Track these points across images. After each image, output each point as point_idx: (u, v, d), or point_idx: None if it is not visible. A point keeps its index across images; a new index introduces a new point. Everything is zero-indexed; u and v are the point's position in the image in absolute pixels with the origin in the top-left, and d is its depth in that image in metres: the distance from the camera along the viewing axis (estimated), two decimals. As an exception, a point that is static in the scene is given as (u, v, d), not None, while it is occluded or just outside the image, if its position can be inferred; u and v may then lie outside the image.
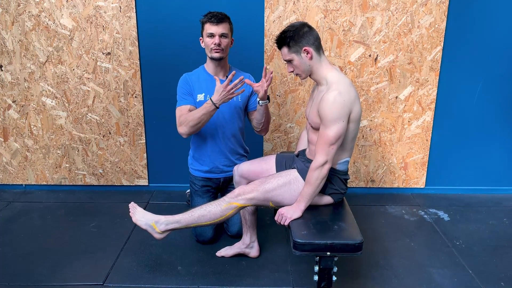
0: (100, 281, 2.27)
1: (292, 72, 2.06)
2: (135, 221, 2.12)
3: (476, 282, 2.29)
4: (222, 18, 2.35)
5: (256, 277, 2.31)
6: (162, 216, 2.12)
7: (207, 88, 2.46)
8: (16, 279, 2.28)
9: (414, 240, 2.69)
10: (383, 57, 3.01)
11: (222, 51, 2.38)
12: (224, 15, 2.38)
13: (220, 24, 2.34)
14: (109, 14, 2.93)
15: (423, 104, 3.11)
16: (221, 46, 2.36)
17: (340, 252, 1.84)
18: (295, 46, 1.97)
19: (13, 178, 3.31)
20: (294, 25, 2.00)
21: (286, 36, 1.97)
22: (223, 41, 2.37)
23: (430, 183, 3.31)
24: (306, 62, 1.99)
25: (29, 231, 2.74)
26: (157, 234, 2.12)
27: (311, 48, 1.97)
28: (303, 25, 1.99)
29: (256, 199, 2.06)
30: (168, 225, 2.10)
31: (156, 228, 2.10)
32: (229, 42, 2.42)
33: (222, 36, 2.36)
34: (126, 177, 3.29)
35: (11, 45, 3.00)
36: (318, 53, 1.99)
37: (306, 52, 1.96)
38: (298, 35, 1.96)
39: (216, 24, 2.33)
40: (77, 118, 3.14)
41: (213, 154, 2.57)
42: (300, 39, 1.96)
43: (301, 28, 1.97)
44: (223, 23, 2.35)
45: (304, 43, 1.96)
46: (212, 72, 2.48)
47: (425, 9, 2.92)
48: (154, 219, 2.11)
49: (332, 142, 1.91)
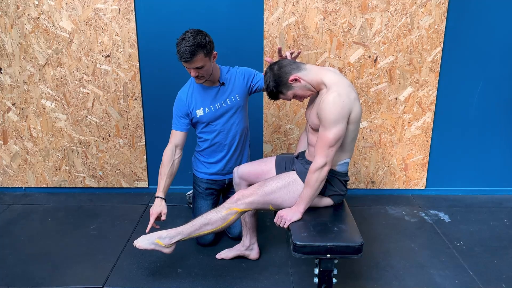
0: (100, 284, 2.26)
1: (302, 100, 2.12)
2: (139, 247, 2.15)
3: (477, 283, 2.29)
4: (191, 55, 2.18)
5: (256, 279, 2.31)
6: (163, 231, 2.15)
7: (202, 101, 2.44)
8: (16, 281, 2.28)
9: (414, 241, 2.68)
10: (382, 58, 3.01)
11: (203, 77, 2.32)
12: (194, 46, 2.17)
13: (191, 61, 2.20)
14: (108, 16, 2.93)
15: (423, 105, 3.11)
16: (199, 75, 2.30)
17: (340, 254, 1.84)
18: (285, 88, 2.00)
19: (13, 181, 3.30)
20: (267, 75, 2.01)
21: (271, 89, 2.01)
22: (200, 72, 2.28)
23: (430, 184, 3.31)
24: (303, 85, 2.00)
25: (29, 234, 2.74)
26: (166, 249, 2.15)
27: (295, 74, 1.97)
28: (275, 63, 2.02)
29: (255, 202, 2.06)
30: (172, 238, 2.13)
31: (162, 244, 2.13)
32: (208, 66, 2.29)
33: (197, 68, 2.25)
34: (126, 179, 3.28)
35: (10, 47, 3.00)
36: (302, 70, 1.99)
37: (296, 81, 1.98)
38: (279, 78, 1.98)
39: (187, 62, 2.21)
40: (76, 121, 3.14)
41: (221, 161, 2.57)
42: (282, 80, 1.98)
43: (278, 69, 1.99)
44: (194, 59, 2.19)
45: (287, 78, 1.97)
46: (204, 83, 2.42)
47: (424, 10, 2.92)
48: (157, 236, 2.14)
49: (332, 143, 1.91)
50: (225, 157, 2.55)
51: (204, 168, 2.61)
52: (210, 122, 2.47)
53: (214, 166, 2.58)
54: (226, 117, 2.47)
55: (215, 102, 2.44)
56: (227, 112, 2.46)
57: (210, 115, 2.45)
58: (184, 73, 2.60)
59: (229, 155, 2.55)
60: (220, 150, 2.54)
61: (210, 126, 2.48)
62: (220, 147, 2.53)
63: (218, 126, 2.48)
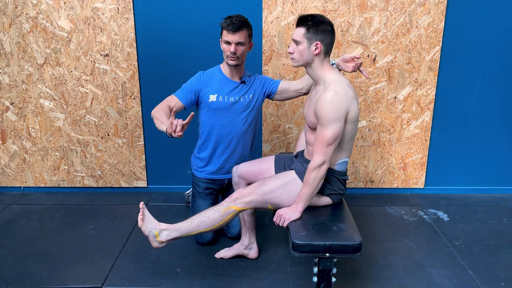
0: (99, 283, 2.26)
1: (291, 53, 2.02)
2: (140, 225, 2.08)
3: (475, 282, 2.29)
4: (239, 26, 2.29)
5: (255, 279, 2.31)
6: (164, 226, 2.10)
7: (219, 89, 2.45)
8: (14, 281, 2.27)
9: (413, 241, 2.68)
10: (381, 57, 3.01)
11: (238, 58, 2.36)
12: (243, 21, 2.32)
13: (237, 32, 2.29)
14: (106, 15, 2.93)
15: (422, 104, 3.11)
16: (237, 54, 2.34)
17: (339, 253, 1.84)
18: (312, 34, 1.95)
19: (12, 180, 3.30)
20: (324, 17, 1.99)
21: (312, 20, 1.96)
22: (239, 49, 2.33)
23: (429, 183, 3.31)
24: (311, 54, 1.97)
25: (27, 234, 2.73)
26: (157, 243, 2.10)
27: (323, 46, 1.96)
28: (330, 24, 1.99)
29: (254, 201, 2.06)
30: (169, 235, 2.09)
31: (158, 238, 2.08)
32: (246, 49, 2.38)
33: (239, 44, 2.32)
34: (125, 179, 3.28)
35: (8, 47, 3.00)
36: (324, 54, 1.99)
37: (316, 46, 1.96)
38: (321, 27, 1.95)
39: (233, 32, 2.29)
40: (75, 120, 3.14)
41: (221, 157, 2.56)
42: (320, 32, 1.95)
43: (327, 25, 1.97)
44: (240, 31, 2.30)
45: (320, 38, 1.95)
46: (228, 75, 2.47)
47: (423, 9, 2.92)
48: (158, 228, 2.08)
49: (330, 142, 1.91)
50: (223, 153, 2.55)
51: (203, 166, 2.61)
52: (217, 111, 2.45)
53: (212, 163, 2.58)
54: (234, 113, 2.46)
55: (231, 95, 2.45)
56: (237, 109, 2.46)
57: (221, 104, 2.44)
58: (184, 73, 2.60)
59: (228, 153, 2.54)
60: (220, 144, 2.52)
61: (216, 116, 2.46)
62: (220, 141, 2.52)
63: (224, 119, 2.46)
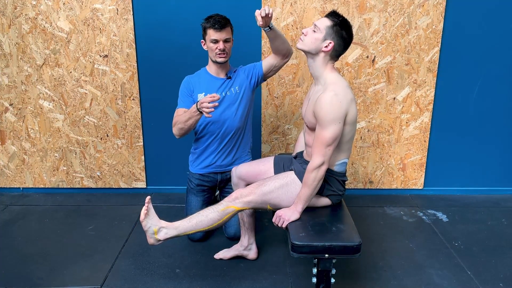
0: (98, 284, 2.26)
1: (303, 34, 1.99)
2: (142, 219, 2.05)
3: (475, 283, 2.29)
4: (225, 24, 2.39)
5: (255, 280, 2.31)
6: (164, 223, 2.09)
7: (206, 87, 2.50)
8: (14, 282, 2.27)
9: (412, 241, 2.68)
10: (380, 58, 3.01)
11: (227, 54, 2.44)
12: (226, 19, 2.42)
13: (224, 29, 2.39)
14: (106, 16, 2.93)
15: (421, 105, 3.11)
16: (225, 50, 2.42)
17: (338, 254, 1.84)
18: (334, 32, 1.95)
19: (11, 181, 3.30)
20: (351, 30, 2.00)
21: (342, 22, 1.96)
22: (227, 46, 2.43)
23: (428, 184, 3.31)
24: (319, 48, 1.96)
25: (26, 234, 2.73)
26: (153, 240, 2.09)
27: (333, 49, 1.96)
28: (352, 37, 2.01)
29: (253, 202, 2.06)
30: (167, 233, 2.08)
31: (156, 235, 2.08)
32: (231, 45, 2.48)
33: (226, 41, 2.41)
34: (124, 180, 3.28)
35: (8, 48, 2.99)
36: (330, 56, 1.98)
37: (328, 44, 1.95)
38: (344, 33, 1.95)
39: (220, 30, 2.38)
40: (74, 121, 3.14)
41: (213, 152, 2.58)
42: (340, 36, 1.95)
43: (349, 36, 1.98)
44: (226, 28, 2.40)
45: (337, 40, 1.95)
46: (214, 73, 2.53)
47: (422, 10, 2.92)
48: (158, 226, 2.07)
49: (329, 143, 1.91)
50: (216, 148, 2.57)
51: (197, 161, 2.63)
52: None
53: (206, 159, 2.60)
54: (222, 108, 2.49)
55: (218, 91, 2.49)
56: (225, 102, 2.49)
57: None
58: (183, 74, 2.60)
59: (220, 148, 2.56)
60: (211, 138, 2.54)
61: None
62: (211, 135, 2.54)
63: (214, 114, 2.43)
